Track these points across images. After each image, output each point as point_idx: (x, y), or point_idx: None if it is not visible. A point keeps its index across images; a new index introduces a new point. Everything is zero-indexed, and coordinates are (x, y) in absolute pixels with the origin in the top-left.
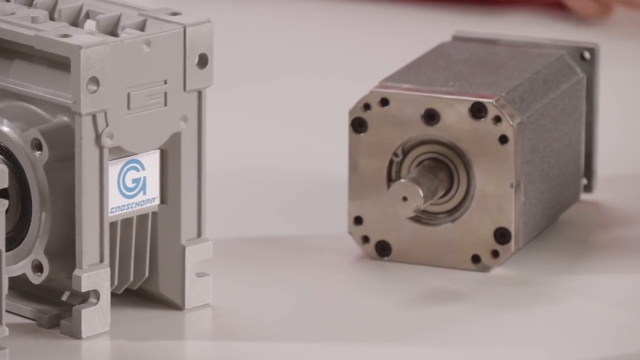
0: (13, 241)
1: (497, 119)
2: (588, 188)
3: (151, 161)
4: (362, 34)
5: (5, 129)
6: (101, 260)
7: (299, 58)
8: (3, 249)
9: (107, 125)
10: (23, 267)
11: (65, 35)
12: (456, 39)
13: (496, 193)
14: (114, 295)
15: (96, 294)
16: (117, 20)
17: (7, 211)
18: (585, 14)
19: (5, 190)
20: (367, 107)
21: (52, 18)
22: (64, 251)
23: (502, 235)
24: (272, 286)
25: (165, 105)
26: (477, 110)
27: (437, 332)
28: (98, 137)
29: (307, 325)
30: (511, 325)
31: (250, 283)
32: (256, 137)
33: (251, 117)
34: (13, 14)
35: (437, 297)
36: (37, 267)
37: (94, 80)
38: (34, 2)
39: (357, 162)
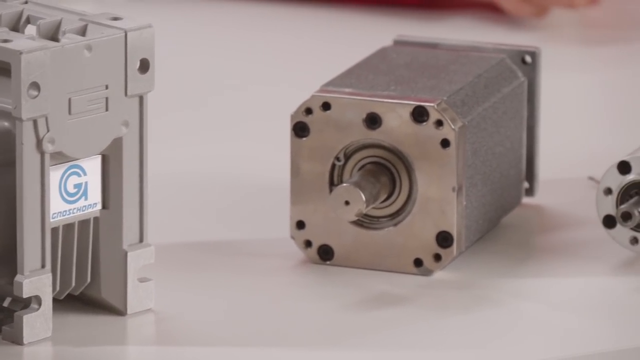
0: None
1: (439, 123)
2: (529, 191)
3: (93, 166)
4: (303, 38)
5: None
6: (43, 266)
7: (241, 62)
8: None
9: (48, 131)
10: None
11: (6, 41)
12: (397, 43)
13: (438, 197)
14: (55, 300)
15: (38, 299)
16: (58, 25)
17: None
18: (519, 15)
19: None
20: (308, 111)
21: None
22: (5, 257)
23: (444, 239)
24: (214, 291)
25: (107, 110)
26: (419, 114)
27: (380, 336)
28: (39, 143)
29: (249, 329)
30: (453, 328)
31: (192, 288)
32: (198, 142)
33: (193, 122)
34: None
35: (380, 300)
36: None
37: (35, 86)
38: None
39: (299, 167)
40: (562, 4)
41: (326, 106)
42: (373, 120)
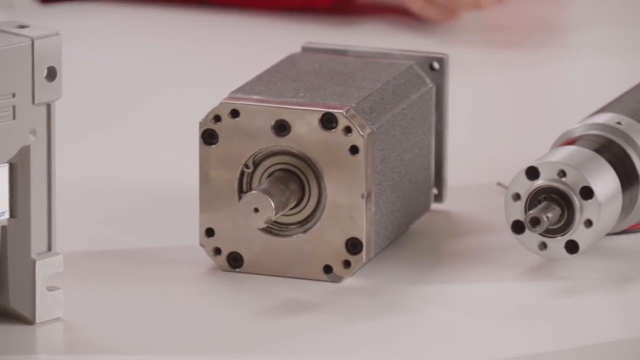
0: None
1: (348, 130)
2: (438, 197)
3: (0, 175)
4: (212, 44)
5: None
6: None
7: (151, 68)
8: None
9: None
10: None
11: None
12: (306, 49)
13: (347, 203)
14: None
15: None
16: None
17: None
18: (428, 19)
19: None
20: (217, 118)
21: None
22: None
23: (353, 246)
24: (124, 299)
25: (14, 118)
26: (328, 121)
27: (290, 343)
28: None
29: (159, 338)
30: (363, 335)
31: (101, 296)
32: (108, 148)
33: (103, 128)
34: None
35: (289, 307)
36: None
37: None
38: None
39: (208, 174)
40: (469, 5)
41: (235, 113)
42: (282, 127)
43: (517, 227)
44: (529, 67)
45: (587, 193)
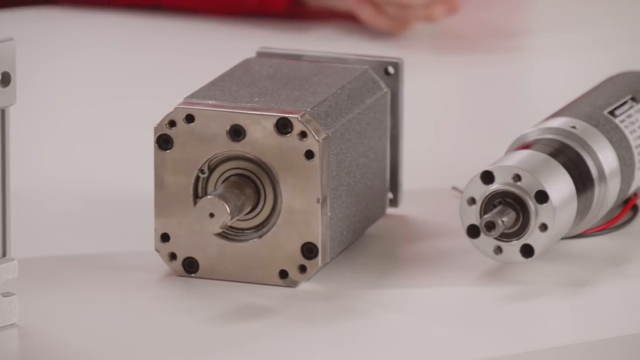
0: None
1: (303, 135)
2: (394, 202)
3: None
4: (166, 50)
5: None
6: None
7: (103, 74)
8: None
9: None
10: None
11: None
12: (260, 54)
13: (303, 208)
14: None
15: None
16: None
17: None
18: (378, 29)
19: None
20: (172, 124)
21: None
22: None
23: (309, 250)
24: (79, 305)
25: None
26: (283, 126)
27: (246, 348)
28: None
29: (114, 344)
30: (319, 339)
31: (57, 302)
32: (62, 154)
33: (58, 134)
34: None
35: (245, 313)
36: None
37: None
38: None
39: (163, 179)
40: (420, 17)
41: (190, 118)
42: (237, 132)
43: (473, 232)
44: (482, 73)
45: (542, 197)
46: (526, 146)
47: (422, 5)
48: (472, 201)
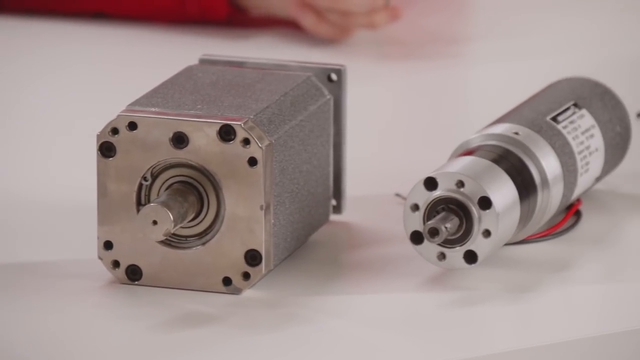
0: None
1: (246, 142)
2: (337, 209)
3: None
4: (108, 57)
5: None
6: None
7: (46, 83)
8: None
9: None
10: None
11: None
12: (203, 61)
13: (246, 215)
14: None
15: None
16: None
17: None
18: (320, 37)
19: None
20: (115, 131)
21: None
22: None
23: (252, 257)
24: (22, 313)
25: None
26: (226, 133)
27: (189, 356)
28: None
29: (57, 351)
30: (263, 346)
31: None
32: (6, 162)
33: (0, 141)
34: None
35: (189, 320)
36: None
37: None
38: None
39: (106, 187)
40: (363, 25)
41: (132, 126)
42: (180, 140)
43: (416, 238)
44: (425, 79)
45: (485, 203)
46: (469, 152)
47: (364, 12)
48: (415, 207)
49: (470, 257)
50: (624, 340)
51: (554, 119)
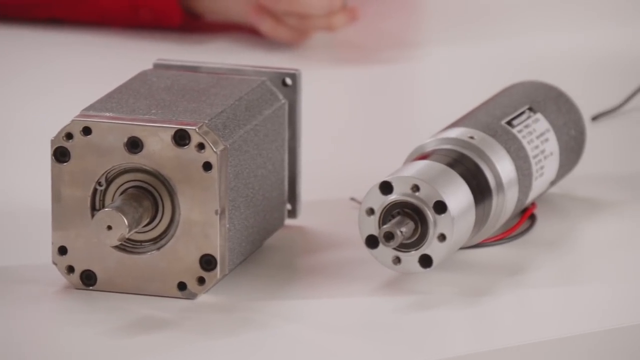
0: None
1: (201, 146)
2: (292, 213)
3: None
4: (62, 62)
5: None
6: None
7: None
8: None
9: None
10: None
11: None
12: (158, 66)
13: (201, 220)
14: None
15: None
16: None
17: None
18: (277, 40)
19: None
20: (69, 136)
21: None
22: None
23: (207, 262)
24: None
25: None
26: (180, 138)
27: None
28: None
29: (13, 357)
30: (219, 352)
31: None
32: None
33: None
34: None
35: (144, 325)
36: None
37: None
38: None
39: (60, 192)
40: (322, 27)
41: (87, 131)
42: (134, 145)
43: (371, 242)
44: (381, 83)
45: (440, 207)
46: (424, 156)
47: (322, 14)
48: (370, 212)
49: (426, 261)
50: (578, 343)
51: (509, 123)
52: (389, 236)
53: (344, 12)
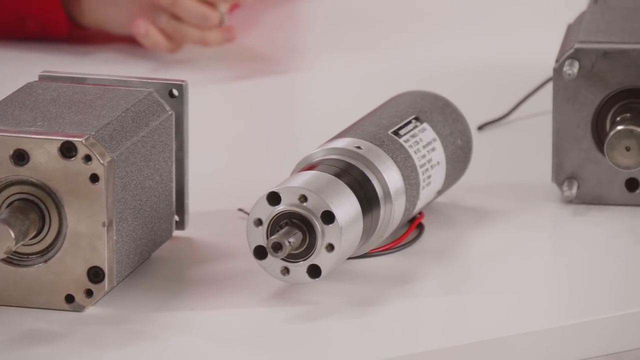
0: None
1: (88, 158)
2: (180, 224)
3: None
4: None
5: None
6: None
7: None
8: None
9: None
10: None
11: None
12: (43, 78)
13: (88, 232)
14: None
15: None
16: None
17: None
18: (156, 50)
19: None
20: None
21: None
22: None
23: (95, 274)
24: None
25: None
26: (67, 150)
27: None
28: None
29: None
30: None
31: None
32: None
33: None
34: None
35: (32, 338)
36: None
37: None
38: None
39: None
40: (195, 41)
41: None
42: (20, 157)
43: (260, 253)
44: (268, 94)
45: (328, 217)
46: (312, 167)
47: (195, 23)
48: (258, 222)
49: (314, 271)
50: (467, 352)
51: (396, 132)
52: (277, 247)
53: (220, 30)
